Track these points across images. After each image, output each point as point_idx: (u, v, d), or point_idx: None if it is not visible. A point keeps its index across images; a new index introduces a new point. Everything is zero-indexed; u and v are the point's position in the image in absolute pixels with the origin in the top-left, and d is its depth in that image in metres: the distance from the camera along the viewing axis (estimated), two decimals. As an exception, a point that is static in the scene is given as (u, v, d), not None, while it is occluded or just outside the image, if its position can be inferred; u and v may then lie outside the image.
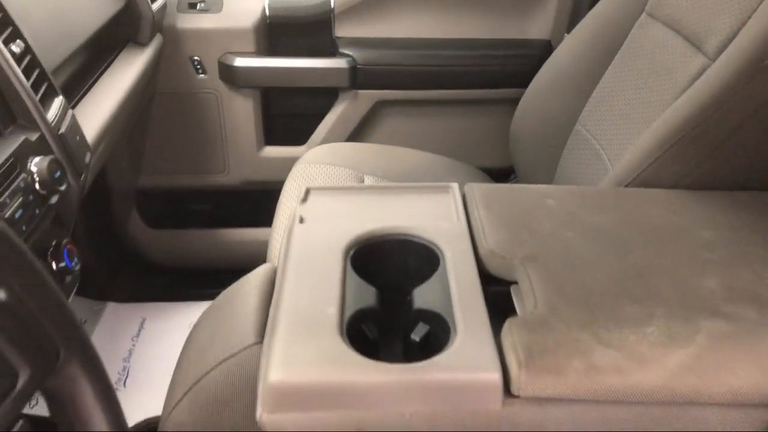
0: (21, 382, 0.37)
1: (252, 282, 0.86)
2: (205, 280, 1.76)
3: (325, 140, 1.73)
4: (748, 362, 0.65)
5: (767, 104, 0.89)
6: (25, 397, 0.37)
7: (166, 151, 1.78)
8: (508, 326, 0.68)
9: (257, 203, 1.80)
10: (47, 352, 0.39)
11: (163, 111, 1.72)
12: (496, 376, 0.64)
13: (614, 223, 0.87)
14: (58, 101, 1.03)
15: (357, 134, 1.76)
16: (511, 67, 1.70)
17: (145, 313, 1.75)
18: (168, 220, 1.85)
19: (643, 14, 1.25)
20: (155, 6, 1.53)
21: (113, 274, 1.83)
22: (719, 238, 0.84)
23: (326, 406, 0.64)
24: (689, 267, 0.78)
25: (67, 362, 0.41)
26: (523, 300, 0.74)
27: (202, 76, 1.68)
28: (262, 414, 0.64)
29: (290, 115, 1.77)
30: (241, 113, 1.72)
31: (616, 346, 0.66)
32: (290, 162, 1.54)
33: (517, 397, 0.64)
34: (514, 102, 1.52)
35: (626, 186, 0.98)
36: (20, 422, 0.38)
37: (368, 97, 1.70)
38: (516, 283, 0.78)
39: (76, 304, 1.73)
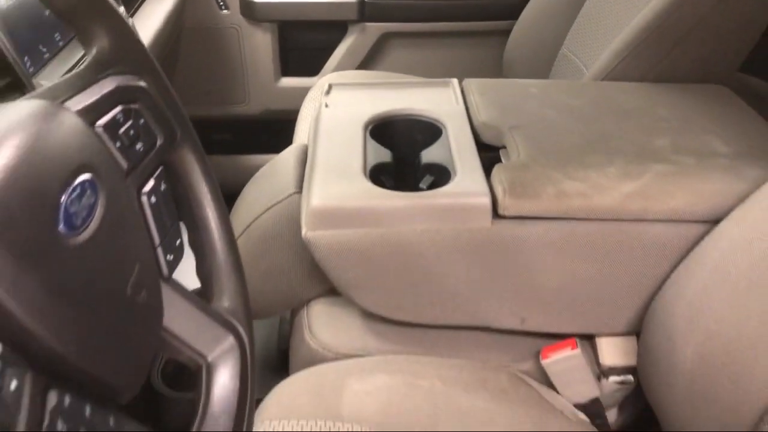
0: (157, 145, 0.54)
1: (289, 153, 1.04)
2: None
3: (336, 70, 1.89)
4: (685, 190, 0.83)
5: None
6: (163, 152, 0.54)
7: (191, 83, 1.93)
8: (496, 169, 0.86)
9: (276, 131, 1.96)
10: (170, 130, 0.56)
11: (189, 46, 1.88)
12: (486, 200, 0.81)
13: (586, 104, 1.04)
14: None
15: (365, 65, 1.91)
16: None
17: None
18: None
19: None
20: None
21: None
22: (673, 115, 1.01)
23: (354, 224, 0.81)
24: (646, 132, 0.95)
25: (183, 142, 0.58)
26: (509, 155, 0.91)
27: (224, 12, 1.83)
28: (306, 232, 0.82)
29: (304, 48, 1.93)
30: (260, 47, 1.87)
31: (581, 179, 0.83)
32: (305, 91, 1.70)
33: (503, 217, 0.82)
34: (507, 33, 1.68)
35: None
36: (160, 168, 0.55)
37: (375, 29, 1.85)
38: (504, 147, 0.95)
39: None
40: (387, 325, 0.91)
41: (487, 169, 0.88)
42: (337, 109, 1.03)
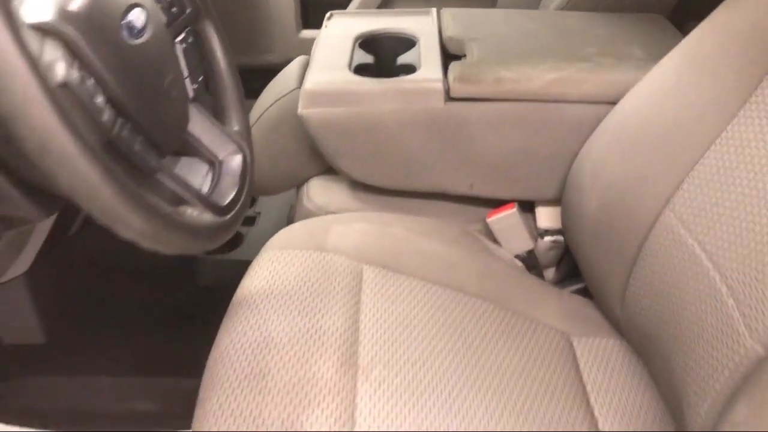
0: (186, 12, 0.78)
1: (294, 63, 1.27)
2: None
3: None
4: (597, 79, 1.04)
5: None
6: (191, 19, 0.77)
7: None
8: (451, 65, 1.08)
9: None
10: (195, 5, 0.79)
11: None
12: (439, 86, 1.04)
13: (539, 26, 1.25)
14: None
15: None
16: None
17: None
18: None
19: None
20: None
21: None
22: (607, 32, 1.22)
23: (338, 104, 1.05)
24: (580, 44, 1.16)
25: (206, 17, 0.81)
26: (465, 59, 1.14)
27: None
28: (301, 110, 1.06)
29: (323, 2, 2.17)
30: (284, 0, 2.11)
31: (516, 71, 1.05)
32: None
33: (453, 99, 1.04)
34: None
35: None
36: (188, 29, 0.78)
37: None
38: (465, 55, 1.17)
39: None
40: (366, 192, 1.15)
41: (447, 68, 1.11)
42: (335, 30, 1.27)
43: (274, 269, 0.98)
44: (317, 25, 2.21)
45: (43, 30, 0.53)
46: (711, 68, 0.88)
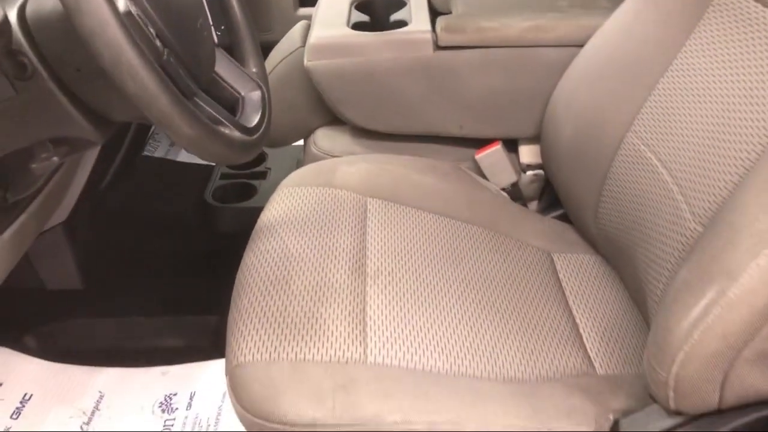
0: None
1: (298, 26, 1.39)
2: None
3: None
4: (568, 25, 1.17)
5: None
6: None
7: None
8: (439, 19, 1.21)
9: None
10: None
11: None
12: (428, 36, 1.17)
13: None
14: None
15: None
16: None
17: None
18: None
19: None
20: None
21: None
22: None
23: (339, 55, 1.18)
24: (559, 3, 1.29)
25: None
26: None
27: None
28: (307, 62, 1.18)
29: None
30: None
31: (495, 21, 1.18)
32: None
33: (441, 47, 1.17)
34: None
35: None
36: None
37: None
38: (451, 12, 1.30)
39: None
40: (367, 137, 1.28)
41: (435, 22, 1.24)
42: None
43: (289, 202, 1.11)
44: (313, 4, 2.34)
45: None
46: (662, 7, 1.01)
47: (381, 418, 0.76)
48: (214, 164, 1.63)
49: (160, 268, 1.44)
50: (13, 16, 0.70)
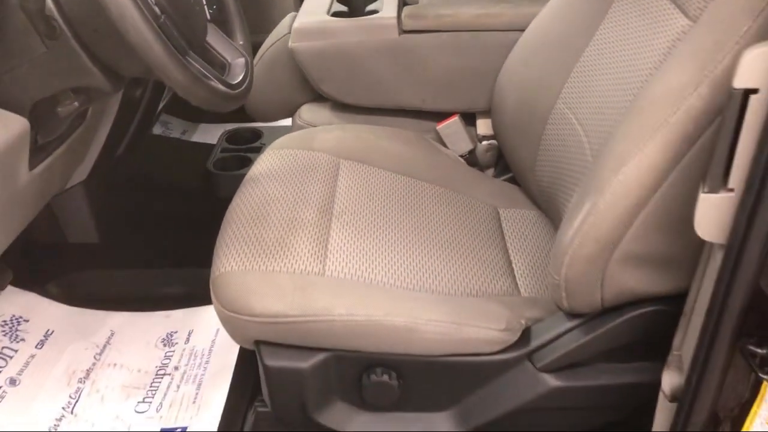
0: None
1: (286, 17, 1.58)
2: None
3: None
4: (513, 13, 1.34)
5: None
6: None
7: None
8: (404, 8, 1.39)
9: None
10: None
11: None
12: (394, 21, 1.35)
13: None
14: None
15: None
16: None
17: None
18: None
19: None
20: None
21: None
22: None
23: (319, 38, 1.36)
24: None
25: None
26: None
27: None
28: (291, 44, 1.37)
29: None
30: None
31: (452, 10, 1.36)
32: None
33: (405, 31, 1.35)
34: None
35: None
36: None
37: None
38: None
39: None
40: (343, 111, 1.46)
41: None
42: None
43: (273, 161, 1.29)
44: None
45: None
46: (584, -5, 1.19)
47: (329, 311, 0.93)
48: (214, 143, 1.81)
49: (166, 227, 1.62)
50: (46, -14, 0.89)
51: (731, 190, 0.70)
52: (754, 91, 0.65)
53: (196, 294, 1.52)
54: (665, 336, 0.89)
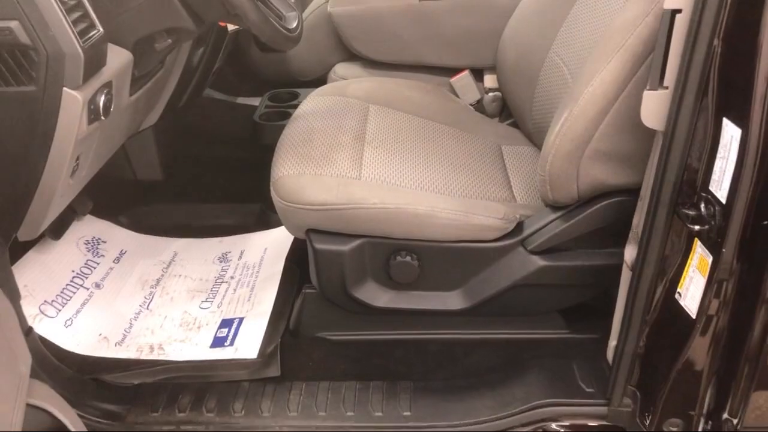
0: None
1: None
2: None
3: None
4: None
5: None
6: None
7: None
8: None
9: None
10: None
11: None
12: (416, -10, 1.60)
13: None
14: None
15: None
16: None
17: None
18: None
19: None
20: None
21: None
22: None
23: (353, 3, 1.61)
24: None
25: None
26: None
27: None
28: (330, 8, 1.62)
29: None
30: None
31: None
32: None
33: (425, -2, 1.60)
34: None
35: None
36: None
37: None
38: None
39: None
40: (372, 67, 1.71)
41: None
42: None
43: (313, 104, 1.54)
44: None
45: None
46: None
47: (366, 200, 1.18)
48: (257, 104, 2.06)
49: (219, 168, 1.88)
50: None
51: (666, 87, 0.94)
52: (679, 11, 0.89)
53: (245, 224, 1.79)
54: (629, 222, 1.13)
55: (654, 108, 0.95)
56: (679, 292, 1.03)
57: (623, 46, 1.03)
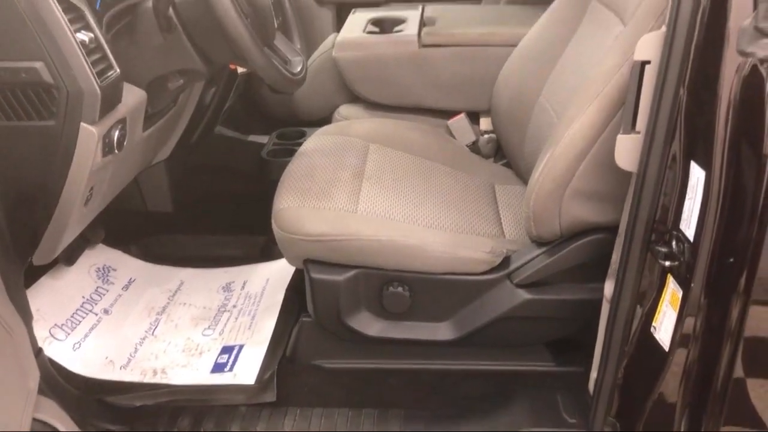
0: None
1: (330, 36, 1.93)
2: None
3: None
4: (508, 33, 1.67)
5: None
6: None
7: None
8: (424, 28, 1.73)
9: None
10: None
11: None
12: (416, 37, 1.69)
13: (482, 12, 1.89)
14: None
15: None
16: None
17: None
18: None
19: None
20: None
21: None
22: (521, 12, 1.85)
23: (357, 49, 1.70)
24: (503, 16, 1.80)
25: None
26: (435, 27, 1.78)
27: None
28: (334, 53, 1.71)
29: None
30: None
31: (461, 29, 1.69)
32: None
33: (424, 45, 1.69)
34: None
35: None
36: None
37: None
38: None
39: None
40: (374, 108, 1.79)
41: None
42: (356, 17, 1.92)
43: (317, 142, 1.61)
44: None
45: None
46: (559, 20, 1.51)
47: (361, 233, 1.24)
48: (265, 141, 2.14)
49: (226, 201, 1.95)
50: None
51: (638, 132, 1.00)
52: (648, 62, 0.96)
53: (250, 255, 1.85)
54: (609, 259, 1.18)
55: (627, 151, 1.01)
56: (654, 326, 1.08)
57: (601, 93, 1.10)
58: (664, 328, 1.05)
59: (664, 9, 1.03)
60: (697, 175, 0.94)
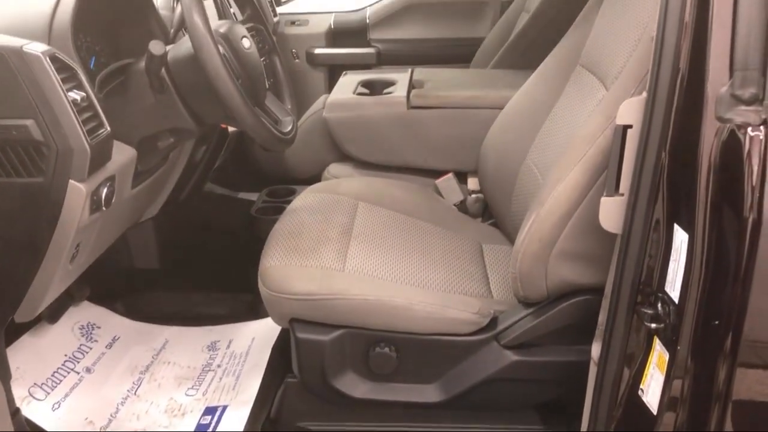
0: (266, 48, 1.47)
1: (321, 97, 1.96)
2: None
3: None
4: (495, 96, 1.70)
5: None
6: (267, 52, 1.46)
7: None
8: (412, 90, 1.76)
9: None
10: None
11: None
12: (404, 99, 1.71)
13: (471, 77, 1.93)
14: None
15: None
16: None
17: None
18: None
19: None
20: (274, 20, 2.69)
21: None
22: (510, 77, 1.89)
23: (347, 110, 1.72)
24: (491, 80, 1.84)
25: (274, 52, 1.49)
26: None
27: (296, 60, 2.83)
28: (325, 114, 1.73)
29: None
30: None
31: (448, 92, 1.72)
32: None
33: (413, 107, 1.71)
34: None
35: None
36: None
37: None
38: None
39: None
40: (363, 167, 1.80)
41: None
42: (347, 79, 1.96)
43: (306, 200, 1.61)
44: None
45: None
46: (546, 78, 1.55)
47: (347, 291, 1.23)
48: (255, 198, 2.14)
49: (214, 259, 1.93)
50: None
51: (622, 194, 1.01)
52: (630, 126, 0.98)
53: (236, 313, 1.83)
54: (596, 320, 1.17)
55: (611, 213, 1.02)
56: (642, 389, 1.06)
57: (585, 155, 1.11)
58: (651, 390, 1.03)
59: (645, 75, 1.06)
60: (680, 237, 0.94)
